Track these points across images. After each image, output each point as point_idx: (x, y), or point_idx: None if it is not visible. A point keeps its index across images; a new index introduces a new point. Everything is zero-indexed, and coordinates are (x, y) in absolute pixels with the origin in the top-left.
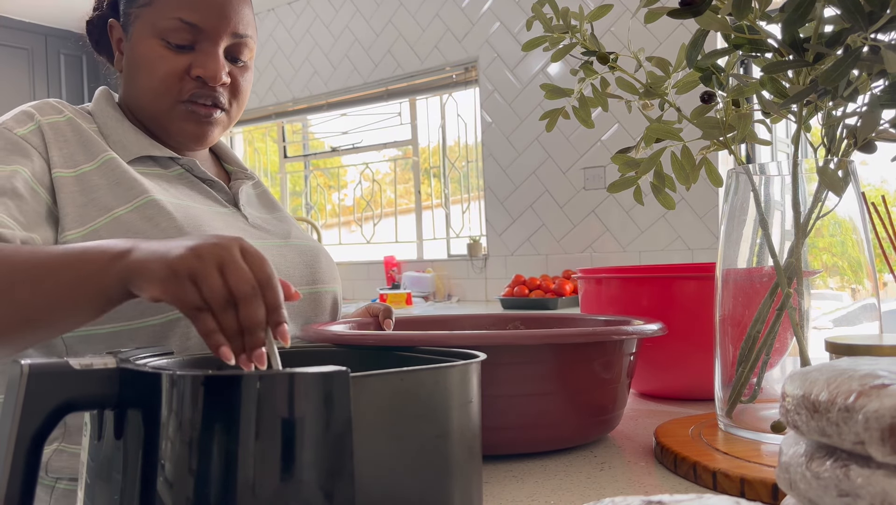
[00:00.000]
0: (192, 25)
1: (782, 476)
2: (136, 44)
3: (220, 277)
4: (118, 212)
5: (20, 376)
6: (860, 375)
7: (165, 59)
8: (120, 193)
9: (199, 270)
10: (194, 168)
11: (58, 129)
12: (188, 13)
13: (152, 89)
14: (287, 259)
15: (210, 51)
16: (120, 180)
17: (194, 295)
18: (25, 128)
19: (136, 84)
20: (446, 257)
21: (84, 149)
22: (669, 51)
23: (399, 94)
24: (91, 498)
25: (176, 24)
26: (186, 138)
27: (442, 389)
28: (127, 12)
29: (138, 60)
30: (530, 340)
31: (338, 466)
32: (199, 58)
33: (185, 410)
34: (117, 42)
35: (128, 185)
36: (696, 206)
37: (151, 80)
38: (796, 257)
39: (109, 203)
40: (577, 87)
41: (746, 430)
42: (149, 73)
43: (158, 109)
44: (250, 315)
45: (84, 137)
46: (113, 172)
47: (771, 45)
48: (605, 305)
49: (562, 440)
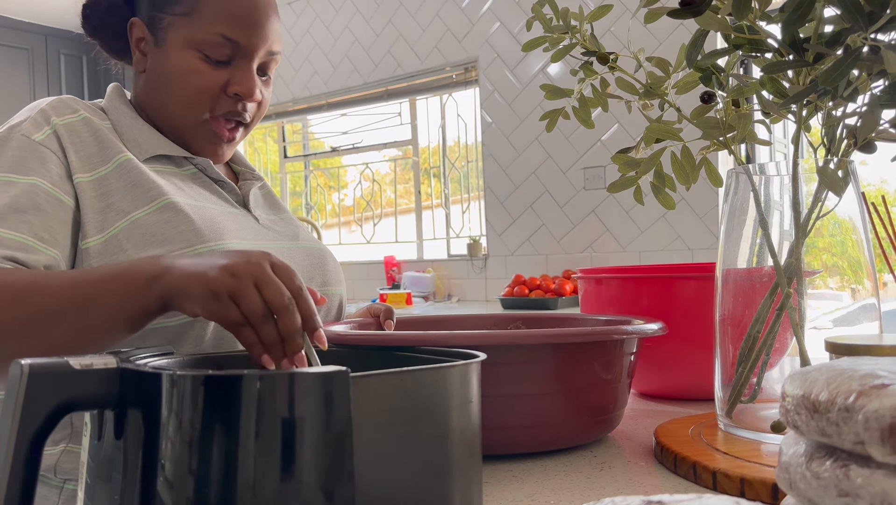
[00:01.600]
0: (232, 42)
1: (782, 476)
2: (170, 52)
3: (257, 294)
4: (136, 215)
5: (20, 376)
6: (860, 375)
7: (203, 74)
8: (137, 196)
9: (237, 288)
10: (208, 168)
11: (73, 129)
12: (231, 30)
13: (185, 101)
14: (296, 261)
15: (246, 67)
16: (137, 182)
17: (235, 312)
18: (42, 133)
19: (165, 93)
20: (446, 257)
21: (100, 150)
22: (669, 51)
23: (399, 94)
24: (91, 498)
25: (217, 40)
26: (205, 155)
27: (442, 389)
28: (157, 16)
29: (172, 71)
30: (531, 339)
31: (338, 466)
32: (236, 74)
33: (185, 410)
34: (138, 41)
35: (145, 188)
36: (696, 206)
37: (186, 93)
38: (796, 257)
39: (127, 207)
40: (577, 88)
41: (746, 430)
42: (183, 84)
43: (185, 122)
44: (288, 325)
45: (100, 137)
46: (129, 174)
47: (771, 45)
48: (605, 305)
49: (563, 440)
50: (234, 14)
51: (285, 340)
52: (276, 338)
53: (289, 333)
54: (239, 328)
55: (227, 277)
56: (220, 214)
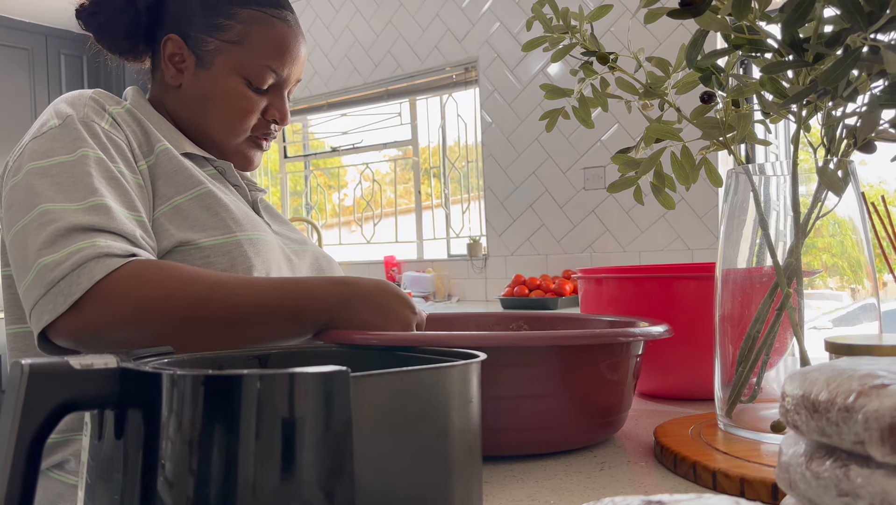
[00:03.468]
0: (276, 73)
1: (782, 476)
2: (217, 77)
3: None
4: (177, 200)
5: (20, 376)
6: (860, 375)
7: (248, 100)
8: (179, 182)
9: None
10: (227, 171)
11: (123, 119)
12: (278, 64)
13: (228, 122)
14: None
15: (282, 95)
16: (177, 169)
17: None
18: (105, 120)
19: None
20: (446, 257)
21: (146, 138)
22: (669, 51)
23: (399, 94)
24: (91, 498)
25: (264, 70)
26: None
27: (442, 389)
28: (203, 38)
29: (218, 94)
30: (537, 342)
31: (338, 466)
32: (275, 101)
33: (186, 410)
34: (171, 56)
35: (185, 175)
36: (695, 206)
37: (230, 116)
38: (796, 257)
39: (169, 192)
40: (577, 88)
41: (746, 430)
42: (227, 106)
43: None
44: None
45: (143, 126)
46: (170, 162)
47: (771, 45)
48: (605, 305)
49: (567, 442)
50: (281, 48)
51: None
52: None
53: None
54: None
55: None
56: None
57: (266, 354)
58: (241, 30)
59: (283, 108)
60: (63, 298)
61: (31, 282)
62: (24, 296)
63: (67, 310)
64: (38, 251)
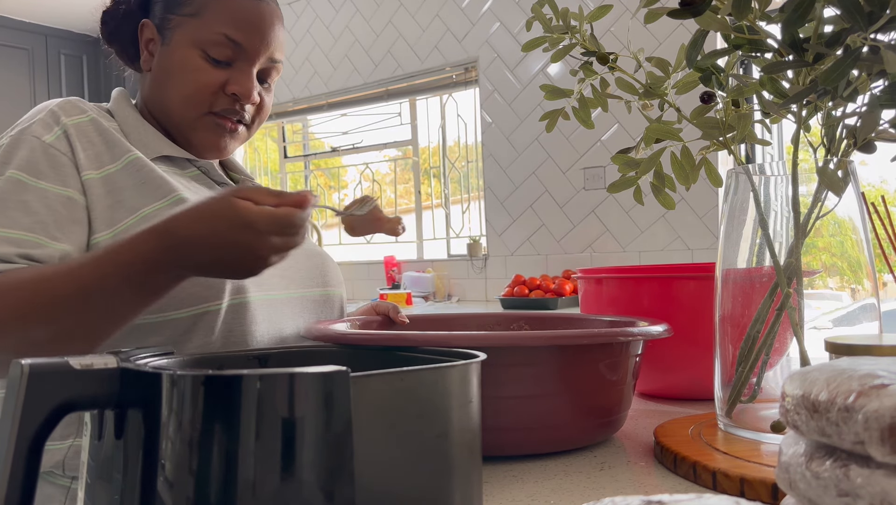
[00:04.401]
0: (235, 43)
1: (782, 476)
2: (174, 50)
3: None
4: (145, 211)
5: (20, 376)
6: (860, 375)
7: (203, 71)
8: (147, 192)
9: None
10: (210, 171)
11: (82, 129)
12: (234, 31)
13: (185, 97)
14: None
15: (246, 70)
16: (146, 180)
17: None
18: (52, 134)
19: (166, 89)
20: (446, 257)
21: (109, 149)
22: (669, 51)
23: (399, 94)
24: (91, 498)
25: (220, 39)
26: (207, 148)
27: (442, 389)
28: (166, 17)
29: (174, 67)
30: (537, 341)
31: (338, 466)
32: (236, 75)
33: (185, 410)
34: (147, 42)
35: (155, 184)
36: (695, 206)
37: (185, 89)
38: (796, 257)
39: (136, 203)
40: (577, 88)
41: (746, 430)
42: (184, 81)
43: (186, 117)
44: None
45: (108, 137)
46: (139, 172)
47: (771, 45)
48: (605, 305)
49: (567, 442)
50: (238, 17)
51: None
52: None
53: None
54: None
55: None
56: None
57: (266, 354)
58: (201, 2)
59: (246, 82)
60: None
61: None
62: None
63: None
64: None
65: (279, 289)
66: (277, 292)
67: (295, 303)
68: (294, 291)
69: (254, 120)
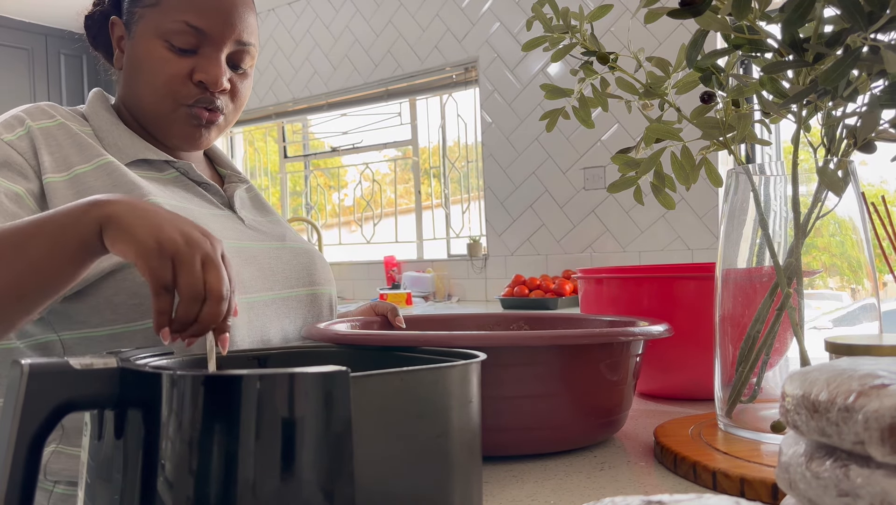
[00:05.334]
0: (197, 30)
1: (782, 476)
2: (137, 43)
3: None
4: None
5: (20, 376)
6: (860, 375)
7: (168, 62)
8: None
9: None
10: (190, 171)
11: (49, 133)
12: (195, 17)
13: (154, 90)
14: (283, 261)
15: (213, 56)
16: (118, 183)
17: (169, 276)
18: (14, 133)
19: (136, 84)
20: (446, 257)
21: (79, 151)
22: (669, 51)
23: (399, 94)
24: (91, 498)
25: (181, 28)
26: (184, 140)
27: (442, 389)
28: (131, 11)
29: (140, 61)
30: (537, 341)
31: (338, 466)
32: (202, 63)
33: (185, 410)
34: (118, 40)
35: (126, 189)
36: (695, 206)
37: (153, 82)
38: (796, 257)
39: None
40: (577, 88)
41: (746, 430)
42: (150, 74)
43: (159, 111)
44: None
45: (77, 140)
46: (110, 176)
47: (771, 45)
48: (605, 305)
49: (568, 442)
50: (198, 2)
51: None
52: (192, 318)
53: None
54: (163, 291)
55: (181, 240)
56: (202, 216)
57: (266, 355)
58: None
59: (212, 69)
60: None
61: None
62: None
63: None
64: None
65: (261, 290)
66: (258, 294)
67: (279, 304)
68: (278, 291)
69: (229, 108)
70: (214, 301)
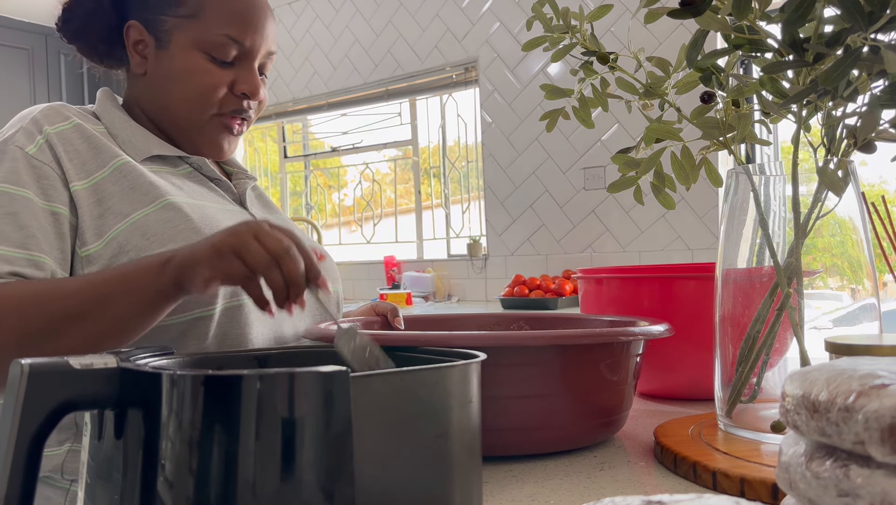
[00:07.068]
0: (237, 43)
1: (782, 476)
2: (176, 54)
3: (258, 245)
4: (135, 217)
5: (20, 376)
6: (860, 375)
7: (209, 73)
8: (136, 198)
9: (238, 244)
10: (203, 167)
11: (66, 137)
12: (236, 31)
13: (191, 100)
14: None
15: (250, 67)
16: (134, 185)
17: (239, 266)
18: (35, 144)
19: (169, 92)
20: (446, 257)
21: (95, 155)
22: (669, 51)
23: (399, 94)
24: (91, 498)
25: (223, 41)
26: (212, 147)
27: (442, 389)
28: (160, 19)
29: (178, 72)
30: (537, 341)
31: (338, 466)
32: (243, 74)
33: (185, 410)
34: (135, 44)
35: (144, 190)
36: (696, 206)
37: (191, 92)
38: (796, 257)
39: (125, 209)
40: (577, 88)
41: (746, 430)
42: (189, 84)
43: (193, 119)
44: (291, 269)
45: (93, 143)
46: (126, 178)
47: (771, 45)
48: (605, 305)
49: (568, 442)
50: (238, 16)
51: (290, 283)
52: (281, 283)
53: (292, 277)
54: (246, 282)
55: (228, 236)
56: (218, 212)
57: (266, 355)
58: (195, 2)
59: (253, 80)
60: None
61: None
62: None
63: None
64: None
65: None
66: None
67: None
68: None
69: (253, 115)
70: (285, 258)
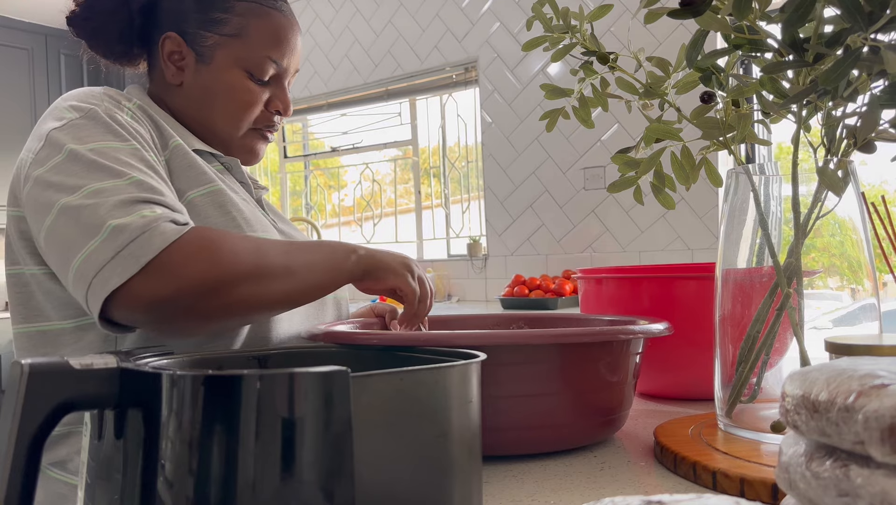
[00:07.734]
0: (277, 64)
1: (782, 476)
2: (218, 71)
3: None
4: (191, 195)
5: (20, 376)
6: (860, 375)
7: (250, 92)
8: (192, 177)
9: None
10: (234, 168)
11: (143, 111)
12: (277, 53)
13: (230, 115)
14: None
15: (283, 86)
16: (190, 164)
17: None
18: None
19: (209, 107)
20: (446, 257)
21: (159, 133)
22: (669, 51)
23: (399, 94)
24: (91, 498)
25: (264, 62)
26: (249, 154)
27: (442, 389)
28: (202, 34)
29: (221, 88)
30: (537, 340)
31: (338, 466)
32: (278, 93)
33: (185, 410)
34: (170, 55)
35: (198, 170)
36: (695, 206)
37: (231, 108)
38: (796, 257)
39: (183, 186)
40: (577, 88)
41: (746, 430)
42: (231, 100)
43: (230, 132)
44: (428, 310)
45: (155, 122)
46: (184, 157)
47: (771, 45)
48: (605, 305)
49: (568, 441)
50: (278, 38)
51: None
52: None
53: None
54: (413, 300)
55: (410, 262)
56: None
57: (266, 355)
58: (239, 22)
59: (286, 98)
60: (134, 261)
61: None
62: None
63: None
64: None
65: None
66: None
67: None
68: None
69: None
70: (429, 301)
